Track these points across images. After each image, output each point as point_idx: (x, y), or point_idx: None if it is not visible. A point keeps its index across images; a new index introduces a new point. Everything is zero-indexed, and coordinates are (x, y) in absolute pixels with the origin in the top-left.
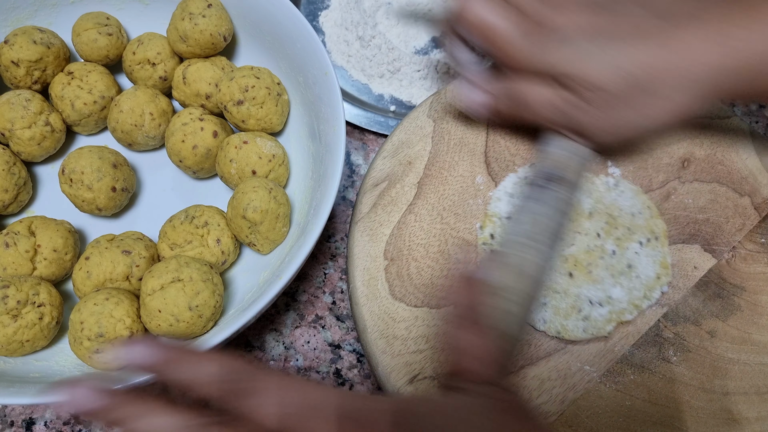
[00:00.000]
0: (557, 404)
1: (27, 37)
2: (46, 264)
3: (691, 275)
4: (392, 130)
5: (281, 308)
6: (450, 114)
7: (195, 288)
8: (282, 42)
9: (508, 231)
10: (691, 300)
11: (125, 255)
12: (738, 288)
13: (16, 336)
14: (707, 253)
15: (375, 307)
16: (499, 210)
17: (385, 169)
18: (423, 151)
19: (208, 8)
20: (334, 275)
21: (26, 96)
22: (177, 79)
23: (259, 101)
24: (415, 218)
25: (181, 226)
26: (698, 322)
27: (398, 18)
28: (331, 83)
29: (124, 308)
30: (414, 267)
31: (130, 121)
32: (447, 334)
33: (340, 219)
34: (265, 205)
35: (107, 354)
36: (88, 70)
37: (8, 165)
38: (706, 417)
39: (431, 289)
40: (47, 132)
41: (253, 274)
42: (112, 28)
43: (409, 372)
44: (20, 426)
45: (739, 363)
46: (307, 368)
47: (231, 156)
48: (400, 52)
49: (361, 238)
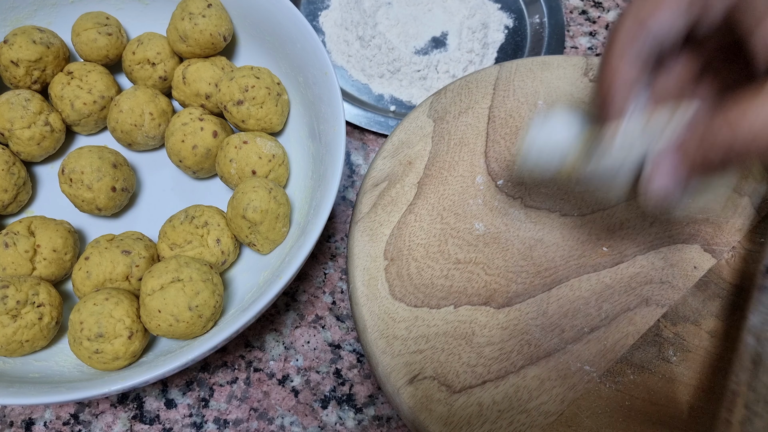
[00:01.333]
0: (557, 404)
1: (26, 37)
2: (46, 264)
3: (691, 275)
4: (392, 130)
5: (281, 308)
6: (450, 114)
7: (195, 288)
8: (282, 42)
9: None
10: (691, 300)
11: (125, 255)
12: (738, 288)
13: (16, 336)
14: (707, 253)
15: (375, 307)
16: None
17: (385, 169)
18: (423, 151)
19: (208, 8)
20: (334, 275)
21: (26, 96)
22: (177, 79)
23: (259, 101)
24: (415, 218)
25: (181, 226)
26: (698, 322)
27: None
28: (331, 83)
29: (123, 308)
30: (414, 267)
31: (129, 121)
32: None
33: (340, 219)
34: (265, 205)
35: None
36: (87, 69)
37: (8, 165)
38: (706, 417)
39: (431, 289)
40: (47, 132)
41: (253, 274)
42: (112, 28)
43: (409, 372)
44: (20, 426)
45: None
46: (307, 368)
47: (231, 156)
48: (400, 52)
49: (361, 238)
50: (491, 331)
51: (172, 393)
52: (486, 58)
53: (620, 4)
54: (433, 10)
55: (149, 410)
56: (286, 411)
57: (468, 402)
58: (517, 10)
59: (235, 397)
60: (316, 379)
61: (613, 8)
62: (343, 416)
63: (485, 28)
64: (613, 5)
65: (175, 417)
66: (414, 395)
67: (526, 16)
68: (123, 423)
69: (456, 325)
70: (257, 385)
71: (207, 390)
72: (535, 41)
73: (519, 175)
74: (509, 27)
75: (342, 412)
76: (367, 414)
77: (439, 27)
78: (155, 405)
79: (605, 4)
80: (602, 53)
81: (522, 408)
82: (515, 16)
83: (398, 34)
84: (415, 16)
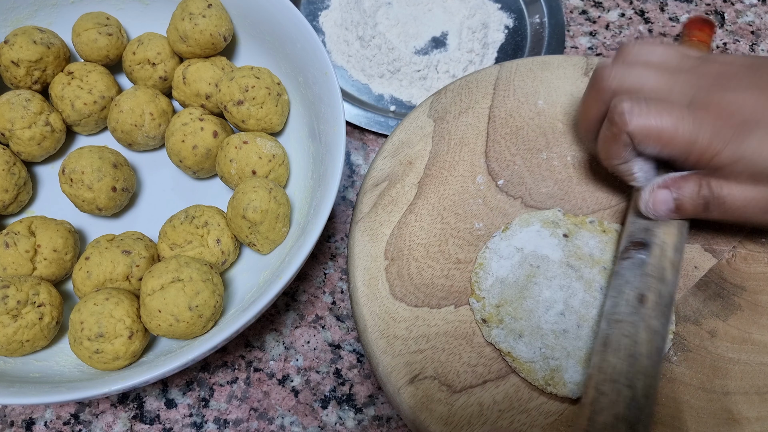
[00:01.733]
0: (558, 404)
1: (27, 37)
2: (46, 264)
3: (692, 275)
4: (392, 130)
5: (281, 308)
6: (450, 114)
7: (195, 288)
8: (282, 42)
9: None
10: (691, 300)
11: (125, 255)
12: (738, 288)
13: (16, 336)
14: (708, 252)
15: (375, 307)
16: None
17: (385, 168)
18: (423, 151)
19: (208, 8)
20: (334, 275)
21: (26, 96)
22: (177, 79)
23: (259, 101)
24: (415, 218)
25: (181, 226)
26: (698, 322)
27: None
28: (331, 83)
29: (124, 308)
30: (414, 267)
31: (130, 121)
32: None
33: (340, 219)
34: (265, 205)
35: None
36: (88, 70)
37: (8, 165)
38: (706, 417)
39: (432, 288)
40: (47, 132)
41: (253, 274)
42: (112, 28)
43: (410, 372)
44: (20, 426)
45: (740, 363)
46: (307, 368)
47: (231, 156)
48: (400, 52)
49: (362, 237)
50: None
51: (172, 393)
52: (486, 58)
53: (620, 4)
54: (433, 10)
55: (149, 410)
56: (286, 411)
57: (468, 402)
58: (517, 10)
59: (235, 397)
60: (316, 379)
61: (613, 8)
62: (343, 416)
63: (485, 28)
64: (613, 5)
65: (176, 417)
66: (414, 395)
67: (526, 16)
68: (123, 423)
69: (456, 325)
70: (257, 385)
71: (207, 390)
72: (535, 41)
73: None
74: (509, 27)
75: (342, 412)
76: (367, 414)
77: (439, 27)
78: (155, 405)
79: (605, 4)
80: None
81: (522, 408)
82: (515, 16)
83: (398, 34)
84: (415, 16)
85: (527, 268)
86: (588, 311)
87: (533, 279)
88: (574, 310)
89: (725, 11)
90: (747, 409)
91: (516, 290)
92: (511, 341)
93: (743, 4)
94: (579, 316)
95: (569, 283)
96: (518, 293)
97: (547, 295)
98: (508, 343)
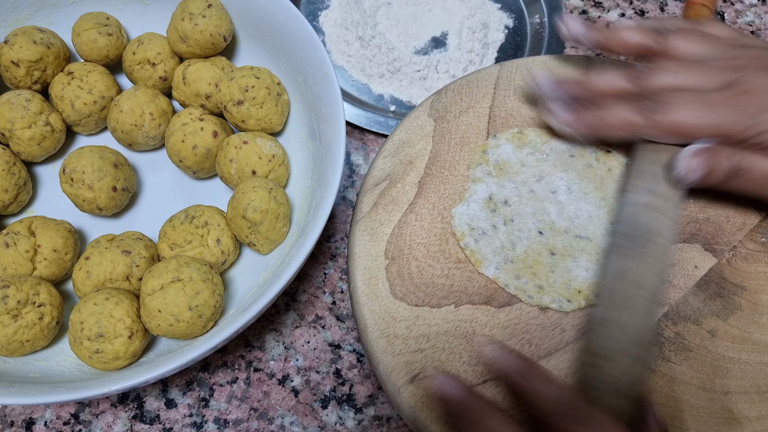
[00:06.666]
0: None
1: (27, 37)
2: (46, 264)
3: (692, 274)
4: (393, 130)
5: (281, 308)
6: (451, 113)
7: (195, 288)
8: (282, 42)
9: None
10: (691, 299)
11: (125, 255)
12: (739, 287)
13: (16, 336)
14: (708, 252)
15: (376, 307)
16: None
17: (385, 168)
18: (424, 150)
19: (208, 8)
20: (334, 275)
21: (26, 96)
22: (177, 79)
23: (259, 101)
24: (415, 217)
25: (181, 226)
26: (699, 322)
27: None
28: (331, 83)
29: (124, 308)
30: (415, 266)
31: (130, 121)
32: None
33: (340, 219)
34: (265, 205)
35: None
36: (88, 70)
37: (8, 165)
38: (706, 416)
39: (432, 288)
40: (47, 132)
41: (253, 274)
42: (112, 28)
43: (410, 371)
44: (20, 426)
45: (740, 362)
46: (307, 368)
47: (231, 156)
48: (400, 52)
49: (362, 237)
50: (492, 331)
51: (172, 393)
52: (486, 58)
53: (620, 4)
54: (433, 10)
55: (149, 410)
56: (286, 411)
57: None
58: (517, 10)
59: (235, 397)
60: (316, 379)
61: (613, 8)
62: (343, 416)
63: (485, 27)
64: (613, 5)
65: (176, 417)
66: (415, 394)
67: (526, 16)
68: (123, 423)
69: (457, 324)
70: (257, 385)
71: (207, 390)
72: (535, 41)
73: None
74: (509, 27)
75: (342, 412)
76: (367, 414)
77: (439, 27)
78: (155, 405)
79: (605, 4)
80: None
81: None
82: (515, 16)
83: (398, 34)
84: (415, 16)
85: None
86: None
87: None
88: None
89: (725, 11)
90: (747, 409)
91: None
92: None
93: (743, 4)
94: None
95: (543, 206)
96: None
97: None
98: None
